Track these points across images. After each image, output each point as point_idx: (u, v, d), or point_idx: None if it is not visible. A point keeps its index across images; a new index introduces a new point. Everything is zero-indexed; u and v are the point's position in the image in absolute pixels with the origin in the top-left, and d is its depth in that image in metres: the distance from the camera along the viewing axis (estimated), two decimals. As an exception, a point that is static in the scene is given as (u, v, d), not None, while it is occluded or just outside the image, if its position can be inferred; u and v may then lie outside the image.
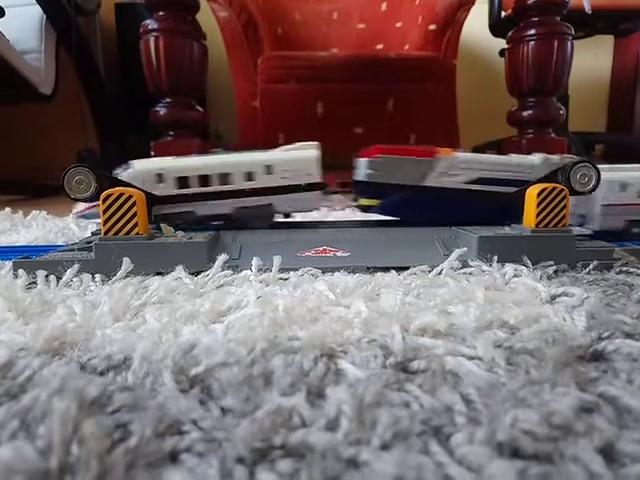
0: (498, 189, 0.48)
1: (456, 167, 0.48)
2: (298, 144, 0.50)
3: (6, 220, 0.73)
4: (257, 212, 0.48)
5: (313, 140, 0.50)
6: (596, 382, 0.20)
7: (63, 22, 1.27)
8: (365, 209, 0.51)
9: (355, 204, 0.53)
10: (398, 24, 1.47)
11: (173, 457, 0.16)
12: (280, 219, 0.52)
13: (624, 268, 0.38)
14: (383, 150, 0.48)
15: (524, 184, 0.47)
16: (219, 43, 1.28)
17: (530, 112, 1.00)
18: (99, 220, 0.49)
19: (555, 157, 0.49)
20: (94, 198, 0.41)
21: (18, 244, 0.56)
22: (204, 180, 0.47)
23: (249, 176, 0.47)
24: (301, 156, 0.48)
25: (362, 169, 0.49)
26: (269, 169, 0.47)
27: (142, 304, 0.31)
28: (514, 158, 0.49)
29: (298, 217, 0.57)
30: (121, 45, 1.64)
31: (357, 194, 0.51)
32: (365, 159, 0.48)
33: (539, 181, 0.45)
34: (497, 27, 1.42)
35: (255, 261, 0.37)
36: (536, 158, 0.49)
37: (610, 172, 0.48)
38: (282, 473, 0.15)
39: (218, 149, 0.50)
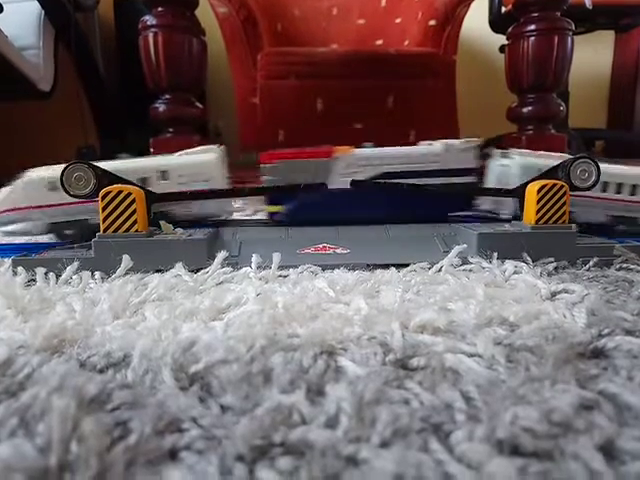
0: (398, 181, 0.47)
1: (355, 165, 0.47)
2: (199, 148, 0.49)
3: (5, 217, 0.72)
4: (154, 218, 0.46)
5: (313, 136, 0.49)
6: (596, 379, 0.20)
7: (62, 18, 1.26)
8: (272, 215, 0.50)
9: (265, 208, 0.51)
10: (398, 20, 1.47)
11: (173, 455, 0.16)
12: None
13: (624, 265, 0.38)
14: (279, 155, 0.47)
15: (430, 174, 0.46)
16: (218, 39, 1.28)
17: (530, 108, 0.99)
18: (9, 228, 0.47)
19: (456, 142, 0.48)
20: (93, 195, 0.40)
21: (17, 242, 0.56)
22: None
23: (143, 182, 0.46)
24: (197, 160, 0.47)
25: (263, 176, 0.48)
26: (164, 175, 0.46)
27: (142, 301, 0.31)
28: (414, 149, 0.48)
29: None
30: (120, 41, 1.63)
31: (265, 199, 0.50)
32: (264, 165, 0.47)
33: (540, 177, 0.44)
34: (497, 23, 1.41)
35: (255, 258, 0.37)
36: (437, 146, 0.48)
37: (525, 158, 0.48)
38: (282, 471, 0.15)
39: (123, 154, 0.49)
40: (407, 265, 0.38)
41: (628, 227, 0.51)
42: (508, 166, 0.49)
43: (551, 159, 0.49)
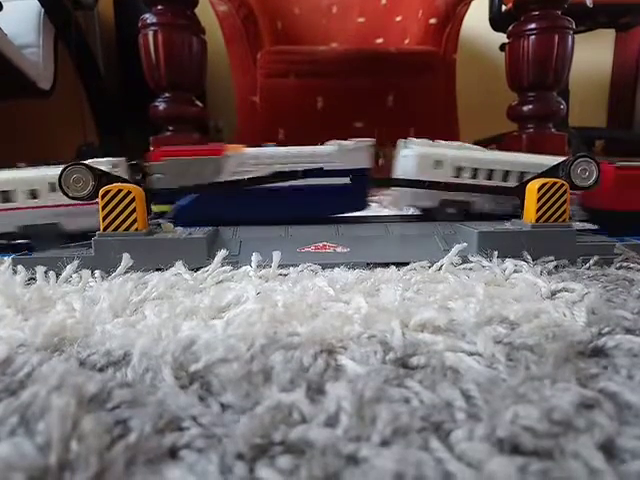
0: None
1: (247, 164, 0.47)
2: (98, 160, 0.48)
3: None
4: (43, 231, 0.46)
5: (313, 135, 0.49)
6: (596, 378, 0.20)
7: (61, 16, 1.26)
8: (159, 215, 0.49)
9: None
10: (398, 18, 1.46)
11: (173, 453, 0.16)
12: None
13: (624, 263, 0.38)
14: (168, 153, 0.46)
15: (322, 174, 0.46)
16: (218, 38, 1.27)
17: (530, 107, 0.99)
18: None
19: (349, 143, 0.48)
20: (92, 196, 0.40)
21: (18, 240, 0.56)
22: None
23: (33, 194, 0.45)
24: None
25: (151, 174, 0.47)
26: (54, 186, 0.45)
27: (141, 300, 0.31)
28: (305, 149, 0.48)
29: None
30: (120, 39, 1.63)
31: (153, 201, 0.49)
32: (151, 163, 0.46)
33: (540, 176, 0.44)
34: (497, 21, 1.41)
35: (255, 257, 0.37)
36: (329, 146, 0.48)
37: (422, 148, 0.48)
38: (282, 469, 0.15)
39: (22, 164, 0.48)
40: (407, 264, 0.38)
41: (457, 210, 0.50)
42: (407, 157, 0.48)
43: (449, 149, 0.48)
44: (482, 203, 0.49)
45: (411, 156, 0.48)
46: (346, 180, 0.47)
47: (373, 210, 0.76)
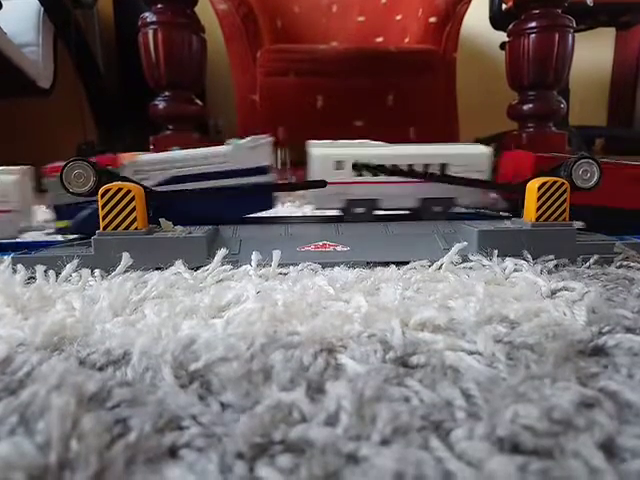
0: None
1: (142, 170, 0.46)
2: (5, 168, 0.47)
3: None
4: None
5: (313, 134, 0.49)
6: (597, 377, 0.20)
7: (61, 15, 1.26)
8: (63, 231, 0.49)
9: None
10: (398, 17, 1.46)
11: (173, 452, 0.16)
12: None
13: (624, 262, 0.38)
14: (58, 169, 0.45)
15: (221, 175, 0.46)
16: (218, 36, 1.27)
17: (530, 106, 0.99)
18: None
19: (244, 141, 0.47)
20: (93, 192, 0.40)
21: (17, 239, 0.56)
22: None
23: None
24: None
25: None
26: None
27: (141, 299, 0.31)
28: (201, 150, 0.47)
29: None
30: (120, 38, 1.63)
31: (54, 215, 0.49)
32: (48, 180, 0.46)
33: (539, 175, 0.44)
34: (498, 20, 1.41)
35: (255, 256, 0.37)
36: (224, 146, 0.47)
37: (321, 149, 0.48)
38: (282, 468, 0.15)
39: None
40: (407, 263, 0.38)
41: (365, 209, 0.49)
42: (312, 158, 0.48)
43: (349, 148, 0.48)
44: (389, 201, 0.49)
45: (315, 157, 0.48)
46: (246, 180, 0.47)
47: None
